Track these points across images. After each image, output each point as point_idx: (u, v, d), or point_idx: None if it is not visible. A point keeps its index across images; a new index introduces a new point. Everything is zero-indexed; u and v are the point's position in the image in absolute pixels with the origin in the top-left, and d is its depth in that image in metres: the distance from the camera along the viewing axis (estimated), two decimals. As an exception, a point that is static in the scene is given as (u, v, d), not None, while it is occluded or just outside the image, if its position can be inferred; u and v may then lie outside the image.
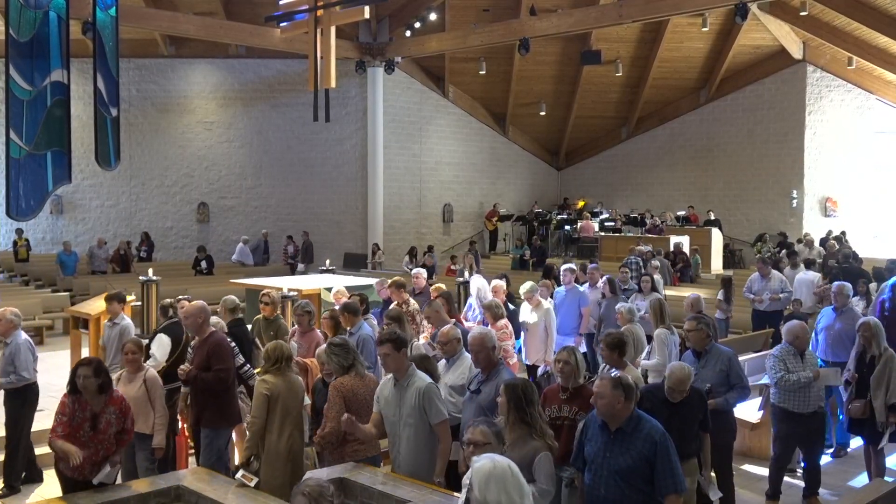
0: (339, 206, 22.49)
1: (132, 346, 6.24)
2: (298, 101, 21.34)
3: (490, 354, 5.26)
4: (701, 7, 17.03)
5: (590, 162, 26.46)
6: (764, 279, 11.50)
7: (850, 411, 6.72)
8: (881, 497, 5.24)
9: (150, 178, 22.00)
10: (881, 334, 6.67)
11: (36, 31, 6.73)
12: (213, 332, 6.35)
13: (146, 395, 6.10)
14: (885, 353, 6.58)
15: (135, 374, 6.18)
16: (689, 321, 6.39)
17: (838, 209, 21.68)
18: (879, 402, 6.46)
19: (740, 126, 22.74)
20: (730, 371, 6.10)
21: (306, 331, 7.29)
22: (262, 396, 5.39)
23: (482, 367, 5.27)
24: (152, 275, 13.36)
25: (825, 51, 21.18)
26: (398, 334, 5.18)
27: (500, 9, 20.90)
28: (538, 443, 4.30)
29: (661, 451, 4.15)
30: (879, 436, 6.54)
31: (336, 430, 5.02)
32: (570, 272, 10.24)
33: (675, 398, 5.33)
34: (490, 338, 5.33)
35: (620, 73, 22.46)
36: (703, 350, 6.18)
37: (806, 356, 6.52)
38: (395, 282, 9.00)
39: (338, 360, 5.27)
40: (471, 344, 5.32)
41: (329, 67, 13.14)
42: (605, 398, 4.20)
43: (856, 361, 6.81)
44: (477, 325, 8.28)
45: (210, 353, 6.17)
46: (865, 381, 6.61)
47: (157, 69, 21.78)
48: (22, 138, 6.62)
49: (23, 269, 19.05)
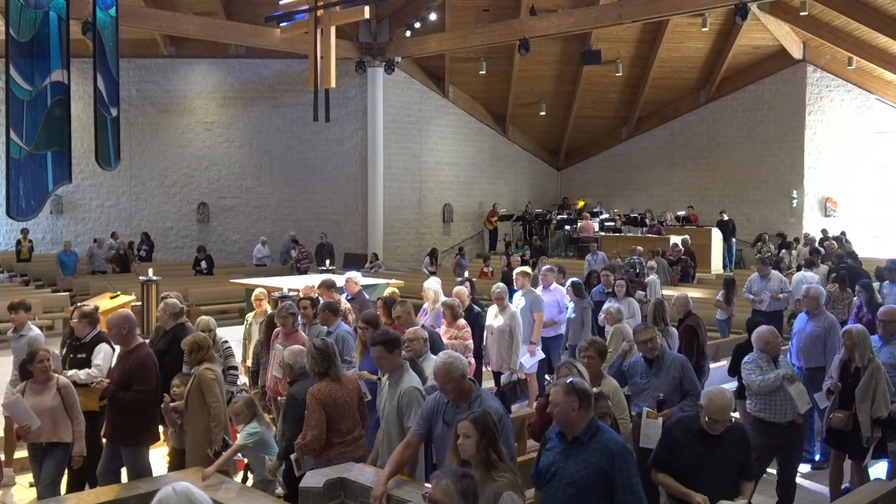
0: (339, 206, 22.49)
1: (46, 353, 5.97)
2: (298, 101, 21.35)
3: (460, 384, 4.54)
4: (701, 7, 17.03)
5: (590, 162, 26.46)
6: (763, 279, 11.49)
7: (832, 421, 6.36)
8: (881, 497, 5.24)
9: (150, 178, 22.00)
10: (866, 343, 6.26)
11: (36, 31, 6.73)
12: (138, 345, 6.08)
13: (62, 403, 5.85)
14: (871, 363, 6.19)
15: (44, 383, 5.89)
16: (643, 331, 6.16)
17: (838, 209, 21.68)
18: (864, 415, 6.10)
19: (740, 126, 22.74)
20: (683, 378, 5.90)
21: (290, 332, 7.11)
22: (214, 382, 5.86)
23: (454, 398, 4.58)
24: (152, 275, 13.38)
25: (825, 51, 21.18)
26: (390, 336, 5.18)
27: (500, 9, 20.90)
28: (501, 480, 3.81)
29: (620, 464, 3.83)
30: (864, 450, 6.19)
31: (317, 438, 5.04)
32: (522, 275, 9.50)
33: (715, 430, 4.54)
34: (456, 367, 4.52)
35: (620, 73, 22.46)
36: (655, 358, 5.99)
37: (780, 362, 6.15)
38: (324, 282, 8.94)
39: (312, 363, 5.24)
40: (435, 375, 4.67)
41: (329, 67, 13.15)
42: (558, 405, 4.00)
43: (840, 370, 6.43)
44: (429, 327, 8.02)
45: (132, 371, 5.91)
46: (850, 392, 6.24)
47: (157, 69, 21.78)
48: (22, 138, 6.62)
49: (23, 268, 19.06)
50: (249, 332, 8.48)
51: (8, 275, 19.07)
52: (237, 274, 17.68)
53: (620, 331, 8.25)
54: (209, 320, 7.04)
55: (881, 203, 21.65)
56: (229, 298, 15.96)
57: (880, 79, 21.16)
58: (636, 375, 6.08)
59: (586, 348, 5.76)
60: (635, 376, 6.09)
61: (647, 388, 5.93)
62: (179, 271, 19.28)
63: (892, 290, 11.38)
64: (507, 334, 8.44)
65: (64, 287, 17.10)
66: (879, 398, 6.09)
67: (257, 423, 5.70)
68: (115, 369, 6.09)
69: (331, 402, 5.10)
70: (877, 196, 21.74)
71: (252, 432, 5.59)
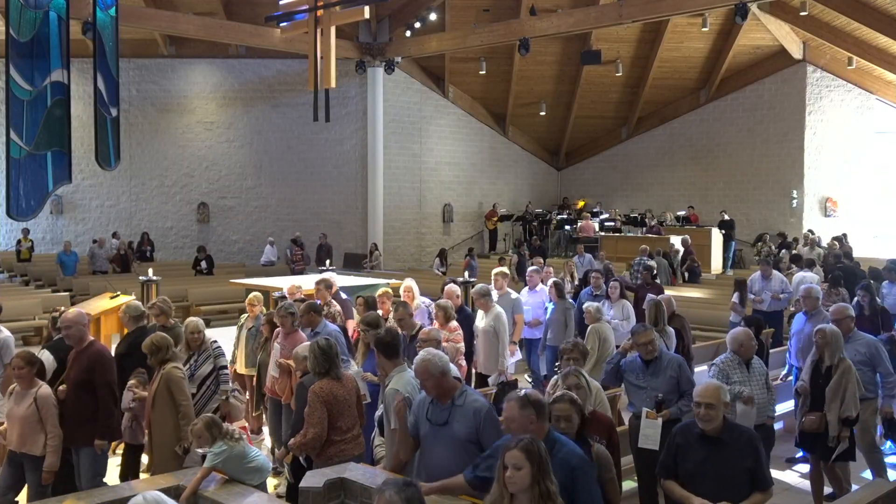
0: (339, 206, 22.50)
1: (19, 360, 5.67)
2: (298, 101, 21.35)
3: (440, 381, 4.45)
4: (701, 7, 17.03)
5: (590, 162, 26.46)
6: (765, 279, 11.50)
7: (804, 424, 6.24)
8: (881, 497, 5.23)
9: (150, 178, 22.01)
10: (837, 343, 6.19)
11: (36, 31, 6.74)
12: (92, 341, 5.94)
13: (37, 413, 5.57)
14: (842, 363, 6.13)
15: (26, 390, 5.64)
16: (640, 333, 5.97)
17: (838, 209, 21.68)
18: (833, 415, 6.05)
19: (740, 126, 22.74)
20: (680, 378, 5.82)
21: (290, 332, 7.08)
22: (183, 380, 5.91)
23: (436, 396, 4.47)
24: (152, 275, 13.37)
25: (825, 51, 21.18)
26: (389, 340, 5.22)
27: (500, 9, 20.90)
28: None
29: (580, 478, 3.67)
30: (830, 451, 6.10)
31: (319, 436, 5.07)
32: (501, 276, 9.41)
33: (709, 426, 4.37)
34: (435, 364, 4.44)
35: (620, 73, 22.46)
36: (653, 359, 5.88)
37: (753, 366, 5.97)
38: (324, 280, 8.96)
39: (314, 362, 5.27)
40: (415, 372, 4.61)
41: (329, 67, 13.16)
42: (514, 421, 3.81)
43: (811, 371, 6.34)
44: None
45: (91, 366, 5.74)
46: (822, 393, 6.14)
47: (157, 69, 21.79)
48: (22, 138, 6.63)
49: (23, 269, 19.07)
50: (239, 337, 8.40)
51: (8, 275, 19.08)
52: (237, 274, 17.68)
53: (597, 330, 8.20)
54: (198, 321, 6.91)
55: (881, 203, 21.65)
56: (229, 298, 15.96)
57: (880, 79, 21.16)
58: (632, 375, 6.01)
59: (570, 350, 5.63)
60: (630, 376, 6.02)
61: (645, 388, 5.91)
62: (179, 271, 19.28)
63: (892, 290, 11.41)
64: (491, 335, 8.31)
65: (64, 287, 17.10)
66: (849, 398, 6.04)
67: (223, 442, 5.16)
68: (72, 369, 5.85)
69: (332, 400, 5.16)
70: (877, 196, 21.74)
71: (217, 452, 5.09)
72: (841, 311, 7.01)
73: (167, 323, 7.39)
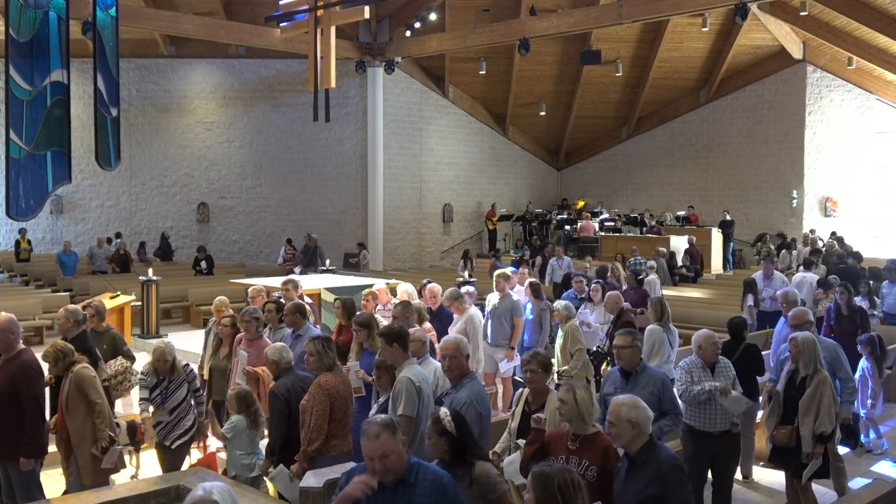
0: (339, 206, 22.49)
1: None
2: (298, 101, 21.35)
3: (463, 363, 5.00)
4: (701, 7, 17.02)
5: (590, 162, 26.47)
6: (767, 279, 11.49)
7: (775, 437, 5.90)
8: (881, 497, 5.23)
9: (150, 178, 22.01)
10: (813, 352, 5.82)
11: (36, 31, 6.74)
12: (22, 350, 5.56)
13: None
14: (818, 374, 5.77)
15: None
16: (623, 336, 5.49)
17: (838, 209, 21.69)
18: (807, 429, 5.68)
19: (740, 126, 22.75)
20: (662, 396, 5.31)
21: (254, 338, 6.84)
22: (94, 378, 5.75)
23: (454, 375, 4.98)
24: (152, 275, 13.36)
25: (825, 51, 21.18)
26: (403, 333, 5.36)
27: (500, 9, 20.91)
28: None
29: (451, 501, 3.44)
30: (803, 467, 5.75)
31: (320, 427, 5.09)
32: (503, 278, 9.23)
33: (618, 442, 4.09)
34: (465, 345, 5.11)
35: (620, 73, 22.47)
36: (633, 370, 5.38)
37: (717, 369, 5.81)
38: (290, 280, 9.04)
39: (325, 356, 5.30)
40: (444, 349, 5.01)
41: (329, 67, 13.14)
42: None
43: (786, 381, 6.00)
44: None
45: (15, 379, 5.39)
46: (794, 405, 5.80)
47: (157, 69, 21.79)
48: (22, 138, 6.63)
49: (23, 269, 19.06)
50: (207, 342, 8.11)
51: (8, 275, 19.08)
52: (237, 274, 17.68)
53: (569, 331, 8.13)
54: (164, 348, 6.36)
55: (881, 203, 21.66)
56: (229, 299, 15.92)
57: (880, 79, 21.17)
58: (609, 387, 5.53)
59: (528, 361, 5.12)
60: (609, 387, 5.54)
61: None
62: (179, 271, 19.28)
63: (892, 290, 11.42)
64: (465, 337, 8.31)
65: (64, 287, 17.09)
66: (823, 412, 5.69)
67: (242, 416, 5.69)
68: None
69: (335, 394, 5.20)
70: (877, 196, 21.75)
71: (230, 426, 5.67)
72: (800, 315, 6.78)
73: (99, 327, 7.19)
